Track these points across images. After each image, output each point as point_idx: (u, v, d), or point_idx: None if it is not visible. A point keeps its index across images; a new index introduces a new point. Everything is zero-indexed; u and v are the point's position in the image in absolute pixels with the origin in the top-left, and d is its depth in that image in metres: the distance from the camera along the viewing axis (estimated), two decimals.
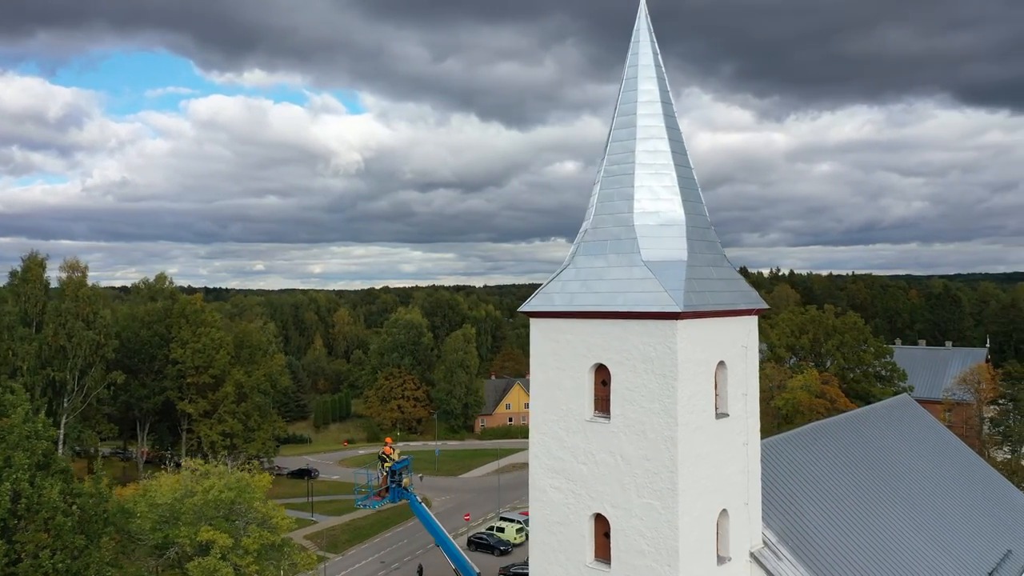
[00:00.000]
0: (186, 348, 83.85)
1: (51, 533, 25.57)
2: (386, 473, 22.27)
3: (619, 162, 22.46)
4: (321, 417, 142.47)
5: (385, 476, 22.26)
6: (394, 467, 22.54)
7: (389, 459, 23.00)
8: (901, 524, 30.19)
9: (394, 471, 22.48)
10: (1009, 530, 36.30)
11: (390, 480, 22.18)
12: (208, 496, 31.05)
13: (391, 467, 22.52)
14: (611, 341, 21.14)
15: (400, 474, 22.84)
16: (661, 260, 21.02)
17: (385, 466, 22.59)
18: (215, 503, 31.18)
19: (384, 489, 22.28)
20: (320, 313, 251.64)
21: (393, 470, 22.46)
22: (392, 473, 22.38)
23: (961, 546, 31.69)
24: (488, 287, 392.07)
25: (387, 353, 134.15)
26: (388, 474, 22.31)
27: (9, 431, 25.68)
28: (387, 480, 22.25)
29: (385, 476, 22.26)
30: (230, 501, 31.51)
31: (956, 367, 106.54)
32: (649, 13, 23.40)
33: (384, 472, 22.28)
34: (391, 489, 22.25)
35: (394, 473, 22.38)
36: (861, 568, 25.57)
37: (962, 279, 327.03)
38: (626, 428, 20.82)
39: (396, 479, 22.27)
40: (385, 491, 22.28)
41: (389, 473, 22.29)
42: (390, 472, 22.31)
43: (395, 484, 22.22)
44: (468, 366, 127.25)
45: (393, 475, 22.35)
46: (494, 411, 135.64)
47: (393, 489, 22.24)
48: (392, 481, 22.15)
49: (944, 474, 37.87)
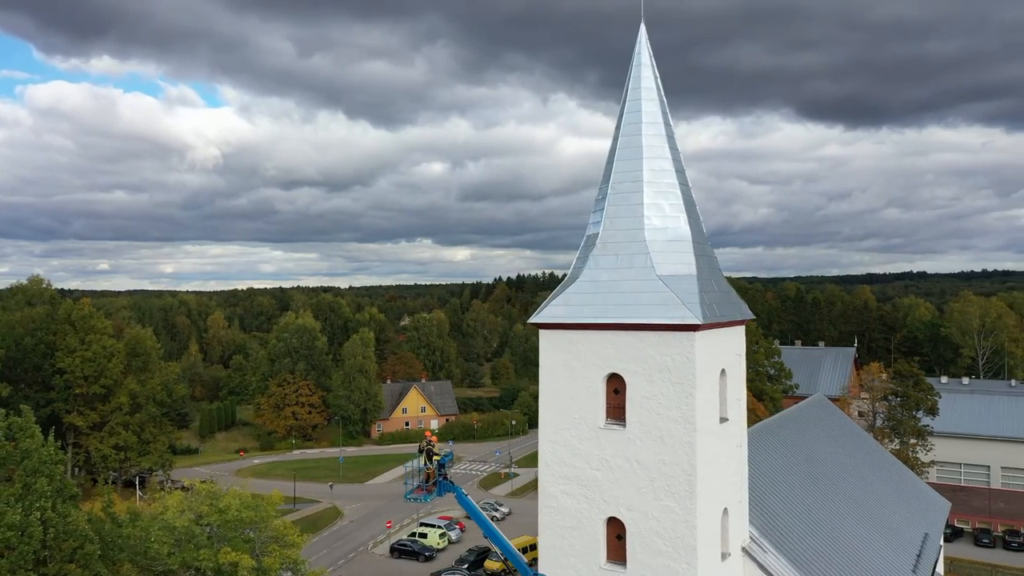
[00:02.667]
0: (74, 357, 78.28)
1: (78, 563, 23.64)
2: (433, 466, 22.05)
3: (626, 180, 23.40)
4: (207, 426, 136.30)
5: (432, 469, 22.04)
6: (442, 460, 22.40)
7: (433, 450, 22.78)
8: (846, 514, 32.84)
9: (443, 464, 22.34)
10: (921, 514, 40.06)
11: (438, 474, 22.01)
12: (226, 516, 29.44)
13: (440, 460, 22.34)
14: (626, 352, 22.06)
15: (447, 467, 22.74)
16: (673, 274, 22.13)
17: (434, 459, 22.36)
18: (234, 523, 29.63)
19: (432, 483, 22.06)
20: (192, 317, 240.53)
21: (442, 463, 22.32)
22: (440, 466, 22.22)
23: (892, 532, 34.79)
24: (354, 288, 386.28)
25: (279, 359, 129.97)
26: (437, 467, 22.11)
27: (27, 455, 23.57)
28: (435, 474, 22.04)
29: (432, 469, 22.04)
30: (249, 521, 30.08)
31: (829, 365, 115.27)
32: (644, 28, 24.51)
33: (431, 465, 22.06)
34: (439, 483, 22.07)
35: (442, 466, 22.24)
36: (828, 557, 27.72)
37: (802, 281, 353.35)
38: (643, 434, 21.80)
39: (443, 472, 22.15)
40: (433, 485, 22.06)
41: (438, 466, 22.10)
42: (439, 465, 22.13)
43: (443, 478, 22.10)
44: (367, 371, 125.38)
45: (441, 468, 22.21)
46: (391, 416, 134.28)
47: (440, 483, 22.08)
48: (440, 475, 22.01)
49: (863, 465, 41.29)
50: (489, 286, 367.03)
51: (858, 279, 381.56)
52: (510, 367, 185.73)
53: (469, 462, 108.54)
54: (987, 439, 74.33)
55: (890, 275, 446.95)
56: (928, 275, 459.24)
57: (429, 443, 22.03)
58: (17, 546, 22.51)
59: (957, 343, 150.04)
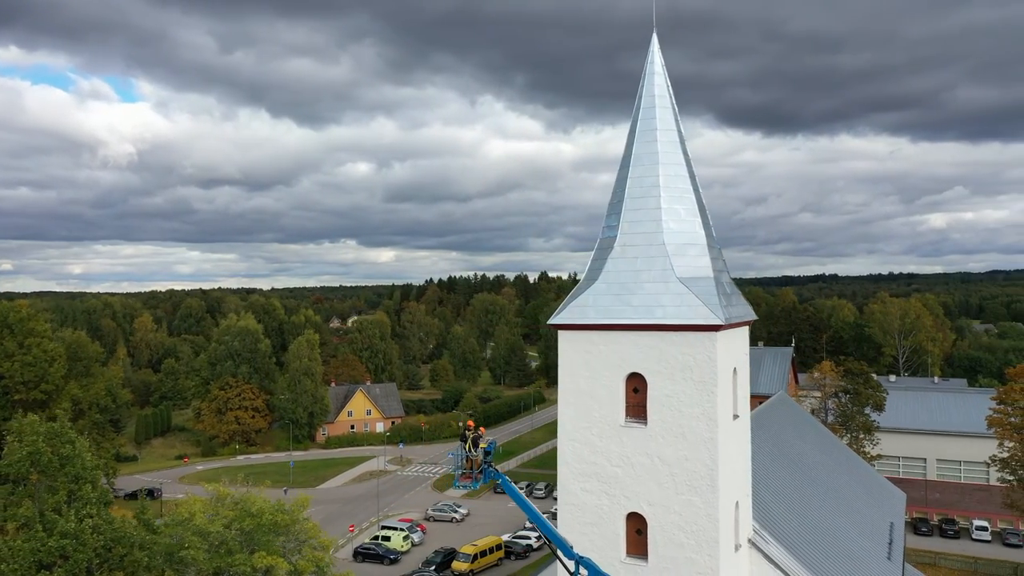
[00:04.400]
0: (12, 361, 74.84)
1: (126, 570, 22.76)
2: (478, 454, 22.13)
3: (643, 186, 24.09)
4: (143, 432, 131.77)
5: (478, 457, 22.11)
6: (488, 448, 22.52)
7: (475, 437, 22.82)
8: (826, 506, 34.36)
9: (488, 452, 22.46)
10: (883, 504, 42.11)
11: (484, 461, 22.11)
12: (261, 520, 28.59)
13: (487, 448, 22.44)
14: (648, 351, 22.75)
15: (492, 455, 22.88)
16: (692, 277, 22.93)
17: (481, 446, 22.44)
18: (268, 527, 28.82)
19: (478, 471, 22.15)
20: (118, 319, 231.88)
21: (488, 451, 22.43)
22: (486, 453, 22.35)
23: (865, 521, 36.53)
24: (277, 289, 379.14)
25: (220, 363, 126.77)
26: (483, 454, 22.20)
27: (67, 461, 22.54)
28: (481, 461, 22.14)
29: (478, 457, 22.11)
30: (284, 524, 29.29)
31: (769, 365, 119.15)
32: (655, 35, 25.28)
33: (476, 453, 22.13)
34: (484, 471, 22.19)
35: (488, 453, 22.37)
36: (818, 547, 29.02)
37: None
38: (664, 432, 22.52)
39: (488, 460, 22.29)
40: (479, 472, 22.15)
41: (484, 453, 22.20)
42: (484, 453, 22.23)
43: (487, 465, 22.23)
44: (313, 373, 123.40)
45: (487, 456, 22.34)
46: (336, 419, 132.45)
47: (486, 470, 22.20)
48: (485, 462, 22.13)
49: (831, 459, 43.16)
50: (420, 288, 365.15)
51: (775, 281, 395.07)
52: (449, 369, 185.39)
53: (420, 464, 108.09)
54: (924, 433, 78.20)
55: (805, 277, 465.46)
56: (840, 277, 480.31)
57: (475, 431, 22.20)
58: (72, 555, 21.67)
59: (879, 342, 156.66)
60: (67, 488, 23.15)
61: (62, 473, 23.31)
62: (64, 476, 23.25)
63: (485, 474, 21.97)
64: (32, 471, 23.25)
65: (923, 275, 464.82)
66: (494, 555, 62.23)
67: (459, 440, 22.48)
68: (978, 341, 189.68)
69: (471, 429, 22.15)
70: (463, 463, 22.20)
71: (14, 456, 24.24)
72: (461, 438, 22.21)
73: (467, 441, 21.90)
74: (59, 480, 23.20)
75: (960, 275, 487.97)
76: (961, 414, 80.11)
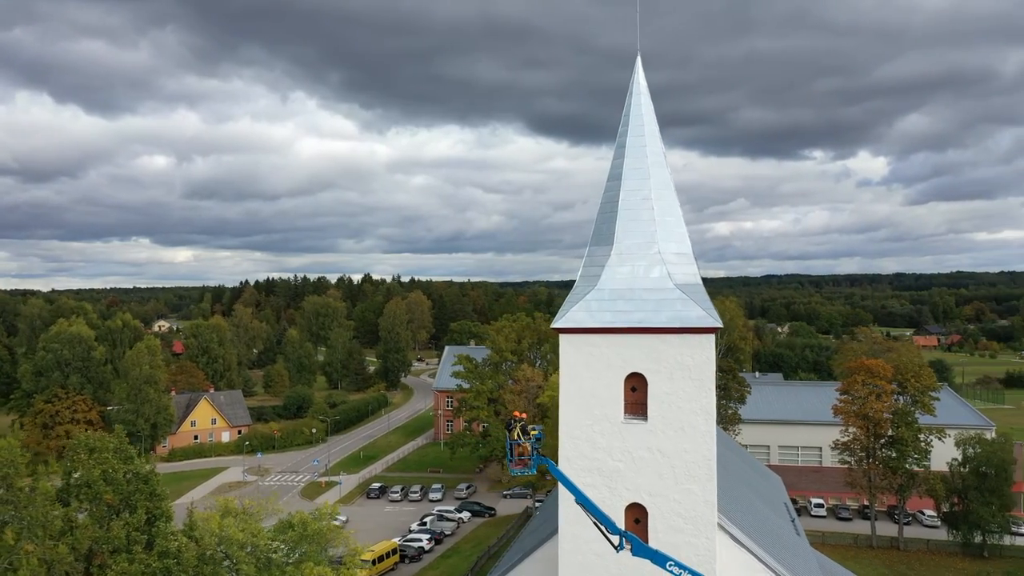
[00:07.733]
0: None
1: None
2: (528, 441, 22.48)
3: (635, 198, 25.80)
4: None
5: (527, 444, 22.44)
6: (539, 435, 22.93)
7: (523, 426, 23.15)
8: (747, 493, 37.78)
9: (539, 439, 22.88)
10: (772, 488, 46.68)
11: (533, 448, 22.50)
12: (305, 531, 26.30)
13: (536, 435, 22.82)
14: (648, 352, 24.49)
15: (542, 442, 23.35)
16: (686, 283, 24.94)
17: (532, 433, 22.80)
18: (312, 537, 26.62)
19: (528, 458, 22.50)
20: None
21: (538, 438, 22.84)
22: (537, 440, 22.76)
23: (771, 504, 40.48)
24: (56, 291, 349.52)
25: (47, 373, 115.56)
26: (533, 441, 22.57)
27: (141, 479, 19.99)
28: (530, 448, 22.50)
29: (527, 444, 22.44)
30: (326, 533, 27.19)
31: None
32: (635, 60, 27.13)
33: (525, 440, 22.47)
34: (534, 457, 22.61)
35: (538, 440, 22.81)
36: (759, 529, 32.08)
37: (529, 286, 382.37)
38: (664, 427, 24.36)
39: (537, 447, 22.75)
40: (529, 459, 22.50)
41: (535, 440, 22.58)
42: (535, 440, 22.62)
43: (536, 452, 22.67)
44: (156, 381, 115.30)
45: (537, 443, 22.77)
46: (178, 430, 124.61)
47: (535, 456, 22.62)
48: (535, 449, 22.55)
49: (728, 449, 47.17)
50: (235, 290, 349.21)
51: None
52: (285, 374, 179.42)
53: (279, 473, 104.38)
54: (771, 423, 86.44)
55: None
56: None
57: (520, 420, 22.75)
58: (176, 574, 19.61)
59: None
60: (144, 506, 21.11)
61: (136, 491, 21.19)
62: (140, 495, 21.16)
63: (535, 459, 22.65)
64: (107, 490, 20.96)
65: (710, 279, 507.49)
66: (391, 560, 61.93)
67: (506, 429, 23.02)
68: (777, 339, 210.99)
69: (517, 419, 22.74)
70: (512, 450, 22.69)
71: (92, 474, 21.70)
72: (507, 427, 22.70)
73: (513, 430, 22.43)
74: (137, 499, 21.13)
75: (741, 279, 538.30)
76: (798, 405, 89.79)
